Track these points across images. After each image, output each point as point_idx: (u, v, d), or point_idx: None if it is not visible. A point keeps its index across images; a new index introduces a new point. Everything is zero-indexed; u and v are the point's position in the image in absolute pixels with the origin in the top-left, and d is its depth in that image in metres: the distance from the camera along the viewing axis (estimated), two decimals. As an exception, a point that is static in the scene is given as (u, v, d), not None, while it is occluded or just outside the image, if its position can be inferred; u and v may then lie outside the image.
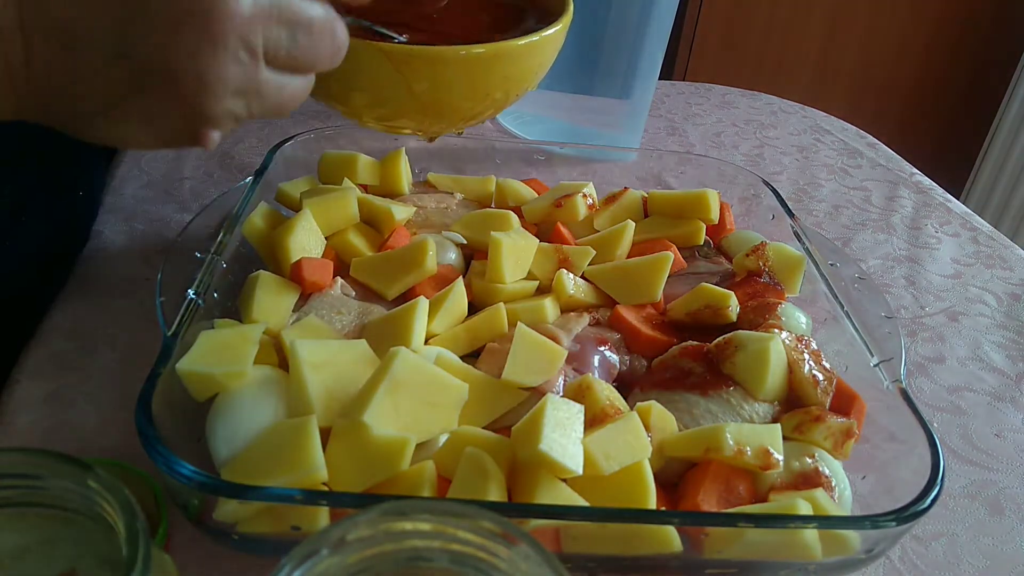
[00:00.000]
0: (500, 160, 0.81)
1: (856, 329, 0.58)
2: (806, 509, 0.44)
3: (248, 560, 0.46)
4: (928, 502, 0.43)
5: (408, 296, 0.59)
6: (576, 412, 0.45)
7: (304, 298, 0.57)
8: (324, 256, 0.62)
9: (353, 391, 0.46)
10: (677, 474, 0.49)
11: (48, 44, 0.36)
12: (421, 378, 0.46)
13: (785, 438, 0.49)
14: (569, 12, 0.56)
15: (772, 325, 0.56)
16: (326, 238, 0.63)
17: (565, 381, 0.52)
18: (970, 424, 0.63)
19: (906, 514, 0.42)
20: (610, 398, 0.49)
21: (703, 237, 0.70)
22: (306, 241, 0.60)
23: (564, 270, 0.61)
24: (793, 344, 0.54)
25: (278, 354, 0.51)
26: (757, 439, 0.47)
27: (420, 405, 0.46)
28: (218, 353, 0.48)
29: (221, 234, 0.59)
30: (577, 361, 0.54)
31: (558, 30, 0.54)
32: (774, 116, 1.15)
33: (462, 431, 0.46)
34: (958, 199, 0.98)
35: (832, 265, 0.64)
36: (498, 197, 0.74)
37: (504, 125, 0.99)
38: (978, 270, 0.83)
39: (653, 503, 0.44)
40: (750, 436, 0.47)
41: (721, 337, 0.54)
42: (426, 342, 0.54)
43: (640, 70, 0.90)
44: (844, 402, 0.53)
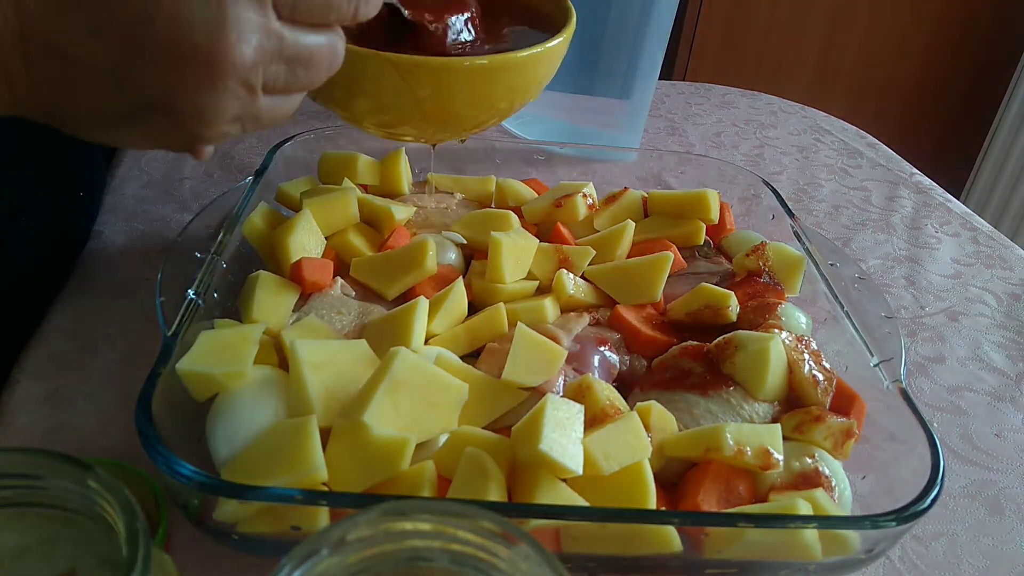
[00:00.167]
0: (500, 160, 0.81)
1: (856, 329, 0.58)
2: (806, 509, 0.44)
3: (248, 560, 0.46)
4: (928, 502, 0.43)
5: (408, 296, 0.59)
6: (576, 412, 0.45)
7: (304, 298, 0.57)
8: (324, 256, 0.62)
9: (353, 391, 0.46)
10: (677, 474, 0.49)
11: (48, 62, 0.37)
12: (421, 378, 0.46)
13: (785, 438, 0.49)
14: (572, 22, 0.56)
15: (772, 325, 0.56)
16: (326, 238, 0.63)
17: (565, 381, 0.52)
18: (970, 424, 0.63)
19: (906, 514, 0.42)
20: (610, 398, 0.49)
21: (703, 237, 0.70)
22: (306, 241, 0.60)
23: (564, 270, 0.61)
24: (793, 344, 0.54)
25: (278, 354, 0.51)
26: (757, 439, 0.47)
27: (420, 405, 0.46)
28: (218, 353, 0.48)
29: (221, 234, 0.59)
30: (577, 361, 0.54)
31: (562, 41, 0.55)
32: (774, 116, 1.15)
33: (462, 431, 0.46)
34: (958, 199, 0.98)
35: (832, 265, 0.64)
36: (498, 197, 0.74)
37: (504, 125, 0.99)
38: (978, 270, 0.83)
39: (653, 503, 0.44)
40: (750, 436, 0.47)
41: (721, 337, 0.54)
42: (426, 342, 0.54)
43: (640, 70, 0.90)
44: (844, 402, 0.53)
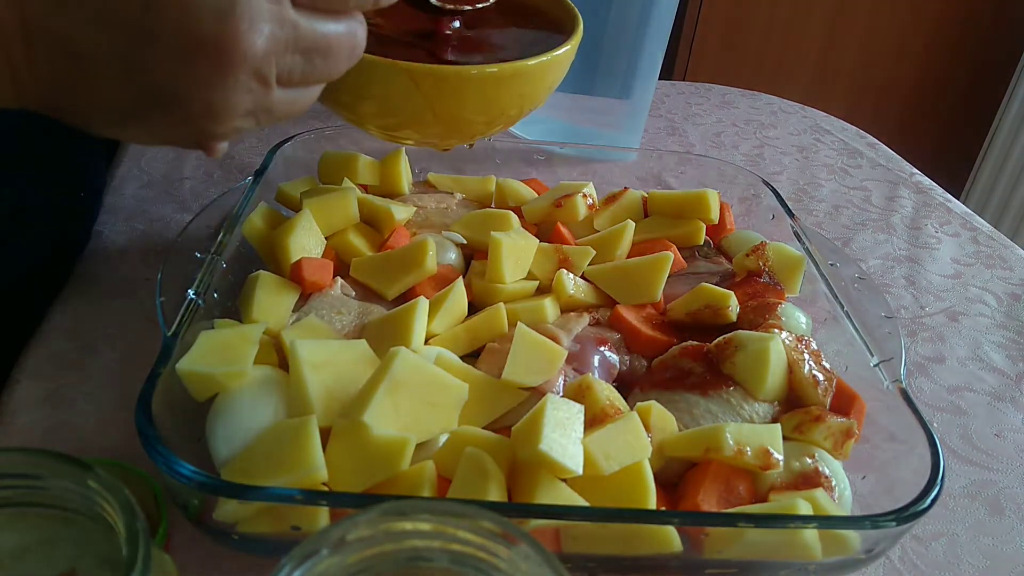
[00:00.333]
0: (500, 160, 0.81)
1: (856, 329, 0.58)
2: (806, 509, 0.44)
3: (248, 560, 0.46)
4: (928, 502, 0.43)
5: (408, 296, 0.59)
6: (576, 412, 0.45)
7: (304, 298, 0.57)
8: (324, 256, 0.62)
9: (353, 391, 0.46)
10: (677, 474, 0.49)
11: (51, 54, 0.35)
12: (421, 378, 0.46)
13: (785, 438, 0.49)
14: (579, 28, 0.56)
15: (772, 325, 0.56)
16: (326, 238, 0.63)
17: (565, 381, 0.52)
18: (970, 424, 0.63)
19: (906, 514, 0.42)
20: (610, 398, 0.49)
21: (703, 237, 0.70)
22: (306, 241, 0.60)
23: (564, 270, 0.61)
24: (793, 344, 0.54)
25: (278, 354, 0.51)
26: (757, 439, 0.47)
27: (420, 405, 0.46)
28: (218, 353, 0.48)
29: (221, 234, 0.59)
30: (577, 361, 0.54)
31: (571, 48, 0.55)
32: (774, 116, 1.15)
33: (462, 431, 0.46)
34: (958, 199, 0.98)
35: (832, 265, 0.64)
36: (498, 197, 0.74)
37: (504, 125, 0.99)
38: (978, 270, 0.83)
39: (653, 503, 0.44)
40: (750, 436, 0.47)
41: (721, 337, 0.54)
42: (426, 342, 0.54)
43: (640, 70, 0.90)
44: (844, 402, 0.53)
